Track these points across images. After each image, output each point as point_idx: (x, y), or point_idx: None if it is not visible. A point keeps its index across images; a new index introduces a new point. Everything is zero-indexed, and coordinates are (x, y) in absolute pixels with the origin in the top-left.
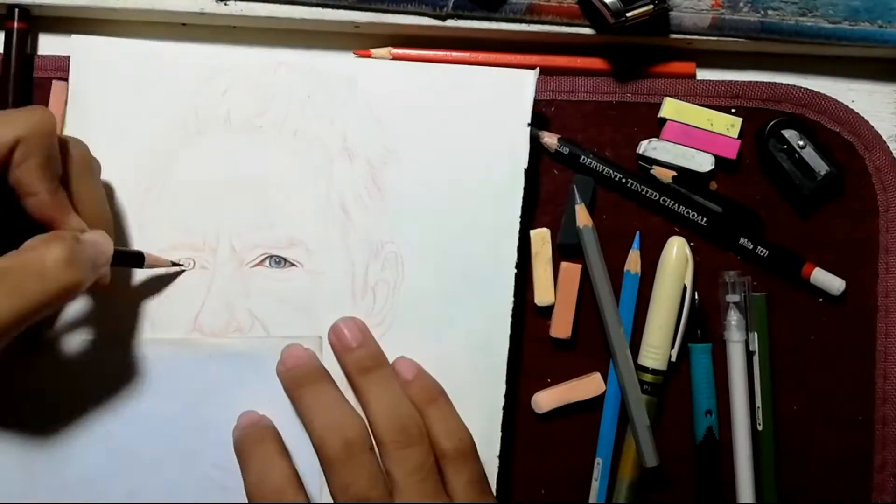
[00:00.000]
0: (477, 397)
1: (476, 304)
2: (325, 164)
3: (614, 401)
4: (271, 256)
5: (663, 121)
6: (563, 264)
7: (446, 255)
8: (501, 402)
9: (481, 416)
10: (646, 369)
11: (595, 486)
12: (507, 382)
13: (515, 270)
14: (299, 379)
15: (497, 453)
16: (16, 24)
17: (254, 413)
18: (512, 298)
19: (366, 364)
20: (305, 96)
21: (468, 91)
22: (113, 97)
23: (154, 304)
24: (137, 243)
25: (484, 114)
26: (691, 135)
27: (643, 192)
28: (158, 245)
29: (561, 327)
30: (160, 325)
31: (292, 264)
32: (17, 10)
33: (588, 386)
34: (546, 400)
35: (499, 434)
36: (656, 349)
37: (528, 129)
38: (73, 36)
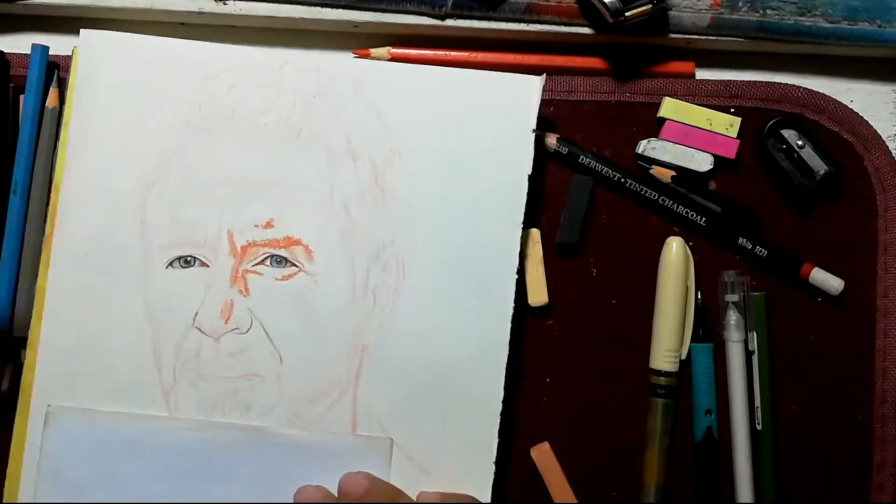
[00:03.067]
0: (475, 401)
1: (477, 307)
2: (329, 165)
3: None
4: (272, 256)
5: (662, 120)
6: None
7: (448, 259)
8: (499, 407)
9: (477, 421)
10: (659, 373)
11: None
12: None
13: (517, 276)
14: None
15: (493, 459)
16: None
17: (311, 489)
18: (512, 303)
19: None
20: (310, 96)
21: (474, 95)
22: (117, 92)
23: (153, 300)
24: (139, 239)
25: (489, 118)
26: (690, 134)
27: (642, 192)
28: (160, 241)
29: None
30: (158, 322)
31: (293, 264)
32: None
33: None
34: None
35: (495, 439)
36: (671, 352)
37: (534, 135)
38: (83, 30)
